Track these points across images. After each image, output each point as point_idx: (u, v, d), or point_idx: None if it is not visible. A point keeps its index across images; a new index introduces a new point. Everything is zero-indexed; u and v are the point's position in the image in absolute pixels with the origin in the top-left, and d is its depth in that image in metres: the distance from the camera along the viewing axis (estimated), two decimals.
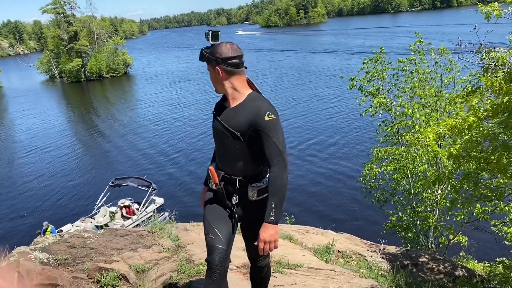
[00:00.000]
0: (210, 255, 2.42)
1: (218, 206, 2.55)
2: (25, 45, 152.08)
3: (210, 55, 2.39)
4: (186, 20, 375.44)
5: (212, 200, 2.59)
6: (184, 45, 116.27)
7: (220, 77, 2.40)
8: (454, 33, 45.36)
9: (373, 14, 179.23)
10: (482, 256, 8.58)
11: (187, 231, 4.96)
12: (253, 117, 2.31)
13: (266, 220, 2.32)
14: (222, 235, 2.45)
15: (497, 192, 5.43)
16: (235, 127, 2.36)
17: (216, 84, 2.46)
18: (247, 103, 2.39)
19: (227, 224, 2.51)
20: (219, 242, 2.43)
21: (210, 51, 2.40)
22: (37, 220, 16.62)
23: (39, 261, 3.51)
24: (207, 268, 2.45)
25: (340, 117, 28.78)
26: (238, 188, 2.46)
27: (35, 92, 58.06)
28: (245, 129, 2.33)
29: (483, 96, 5.46)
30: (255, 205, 2.50)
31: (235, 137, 2.37)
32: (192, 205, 16.67)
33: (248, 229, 2.65)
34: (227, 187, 2.49)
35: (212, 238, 2.44)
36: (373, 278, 4.64)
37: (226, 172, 2.49)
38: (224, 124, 2.40)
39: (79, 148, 28.77)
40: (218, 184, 2.49)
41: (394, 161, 9.54)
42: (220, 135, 2.45)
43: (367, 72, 9.41)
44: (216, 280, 2.40)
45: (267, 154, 2.32)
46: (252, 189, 2.47)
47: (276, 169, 2.32)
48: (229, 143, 2.42)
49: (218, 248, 2.41)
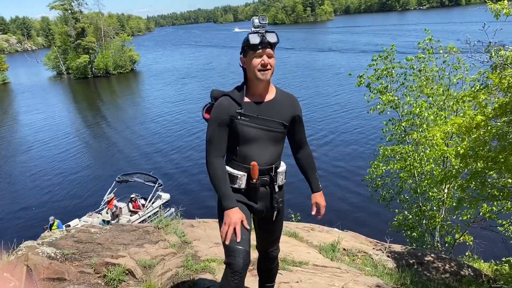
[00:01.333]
0: (234, 258, 2.26)
1: (242, 205, 2.47)
2: (32, 41, 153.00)
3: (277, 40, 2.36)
4: (193, 17, 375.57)
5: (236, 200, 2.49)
6: (190, 42, 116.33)
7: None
8: (462, 31, 44.96)
9: (381, 12, 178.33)
10: (488, 256, 8.52)
11: (193, 228, 4.98)
12: (293, 106, 2.53)
13: (318, 190, 2.70)
14: (245, 236, 2.33)
15: (505, 191, 5.39)
16: (282, 117, 2.47)
17: (272, 72, 2.39)
18: (280, 93, 2.53)
19: (248, 224, 2.41)
20: (243, 244, 2.29)
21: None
22: (44, 215, 16.73)
23: (46, 256, 3.55)
24: (228, 271, 2.29)
25: (346, 115, 28.68)
26: (272, 176, 2.49)
27: (43, 88, 58.44)
28: (289, 117, 2.51)
29: (491, 94, 5.42)
30: (281, 190, 2.61)
31: (283, 127, 2.48)
32: (199, 201, 16.72)
33: (267, 219, 2.61)
34: (261, 179, 2.47)
35: (234, 239, 2.28)
36: (379, 277, 4.63)
37: (261, 165, 2.45)
38: (270, 118, 2.43)
39: (86, 144, 28.93)
40: (257, 179, 2.44)
41: (400, 159, 9.50)
42: (263, 130, 2.42)
43: (375, 69, 9.35)
44: (238, 284, 2.28)
45: (302, 136, 2.64)
46: (281, 175, 2.56)
47: (308, 148, 2.70)
48: (272, 136, 2.46)
49: (242, 250, 2.28)
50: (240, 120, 2.38)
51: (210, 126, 2.43)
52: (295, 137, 2.61)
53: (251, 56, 2.33)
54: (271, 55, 2.34)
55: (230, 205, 2.32)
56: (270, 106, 2.44)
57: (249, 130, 2.40)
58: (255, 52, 2.31)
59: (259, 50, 2.30)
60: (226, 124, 2.39)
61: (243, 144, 2.42)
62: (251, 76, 2.38)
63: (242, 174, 2.44)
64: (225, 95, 2.45)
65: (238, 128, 2.38)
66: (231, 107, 2.38)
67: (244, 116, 2.38)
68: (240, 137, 2.40)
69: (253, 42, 2.29)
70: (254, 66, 2.32)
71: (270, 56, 2.33)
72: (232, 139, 2.44)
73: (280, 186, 2.58)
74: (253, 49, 2.31)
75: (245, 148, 2.42)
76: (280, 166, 2.56)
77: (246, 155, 2.43)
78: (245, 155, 2.43)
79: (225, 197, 2.34)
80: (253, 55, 2.33)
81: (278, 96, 2.49)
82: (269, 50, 2.32)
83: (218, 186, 2.36)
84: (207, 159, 2.41)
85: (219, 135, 2.40)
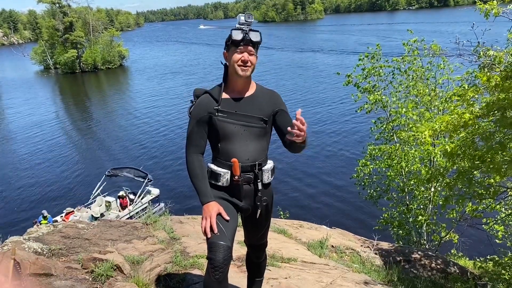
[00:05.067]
0: (214, 253, 2.26)
1: (224, 201, 2.47)
2: (19, 35, 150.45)
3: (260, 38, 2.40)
4: (183, 13, 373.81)
5: (218, 197, 2.48)
6: (179, 39, 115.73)
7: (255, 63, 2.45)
8: (451, 32, 45.36)
9: (370, 12, 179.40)
10: (473, 254, 8.65)
11: (182, 224, 4.96)
12: (273, 102, 2.54)
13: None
14: (227, 232, 2.32)
15: (491, 190, 5.47)
16: (261, 112, 2.48)
17: (252, 70, 2.43)
18: (260, 90, 2.55)
19: (232, 220, 2.40)
20: (224, 239, 2.28)
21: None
22: (32, 210, 16.58)
23: (32, 251, 3.50)
24: (209, 266, 2.28)
25: (335, 113, 28.82)
26: (256, 173, 2.48)
27: (30, 82, 57.47)
28: (269, 113, 2.52)
29: (479, 93, 5.49)
30: (268, 187, 2.59)
31: (263, 122, 2.48)
32: (188, 198, 16.66)
33: (253, 216, 2.60)
34: (244, 177, 2.47)
35: (216, 234, 2.28)
36: (366, 273, 4.67)
37: (243, 162, 2.45)
38: (248, 114, 2.44)
39: (74, 139, 28.62)
40: (240, 176, 2.44)
41: (388, 158, 9.59)
42: (242, 126, 2.44)
43: (363, 69, 9.42)
44: (219, 279, 2.26)
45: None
46: (267, 172, 2.54)
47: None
48: (253, 131, 2.47)
49: (222, 245, 2.26)
50: (219, 117, 2.42)
51: (189, 124, 2.49)
52: (283, 131, 2.56)
53: (233, 52, 2.38)
54: (252, 52, 2.39)
55: (206, 200, 2.37)
56: (249, 101, 2.47)
57: (228, 126, 2.43)
58: (237, 48, 2.37)
59: (240, 47, 2.36)
60: (204, 121, 2.44)
61: (224, 140, 2.45)
62: (232, 71, 2.43)
63: (225, 172, 2.46)
64: (206, 93, 2.50)
65: (217, 124, 2.42)
66: (210, 104, 2.43)
67: (222, 113, 2.42)
68: (220, 133, 2.44)
69: (235, 38, 2.35)
70: (234, 61, 2.37)
71: (251, 54, 2.38)
72: (213, 136, 2.48)
73: (267, 183, 2.57)
74: (235, 45, 2.37)
75: (226, 145, 2.45)
76: (267, 164, 2.55)
77: (228, 152, 2.45)
78: (227, 152, 2.45)
79: (201, 193, 2.39)
80: (234, 51, 2.38)
81: (258, 92, 2.52)
82: (250, 48, 2.37)
83: (195, 183, 2.42)
84: (186, 156, 2.49)
85: (197, 133, 2.46)
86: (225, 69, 2.48)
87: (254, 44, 2.38)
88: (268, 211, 2.65)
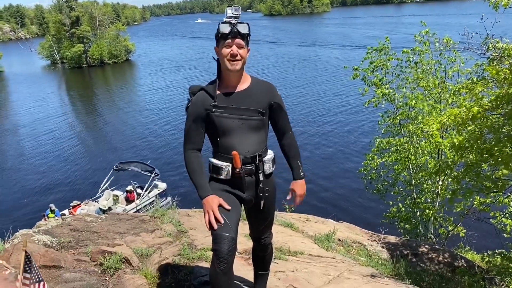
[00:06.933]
0: (219, 244, 2.26)
1: (226, 193, 2.49)
2: (26, 30, 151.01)
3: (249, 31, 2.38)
4: (189, 7, 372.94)
5: (220, 189, 2.51)
6: (186, 33, 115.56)
7: (246, 57, 2.44)
8: (459, 24, 45.04)
9: (377, 5, 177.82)
10: (480, 248, 8.61)
11: (189, 217, 4.98)
12: (269, 93, 2.54)
13: (298, 177, 2.67)
14: (231, 223, 2.33)
15: (499, 183, 5.43)
16: (258, 105, 2.48)
17: (243, 63, 2.42)
18: (255, 82, 2.54)
19: (235, 211, 2.42)
20: (228, 230, 2.29)
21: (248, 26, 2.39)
22: (40, 203, 16.74)
23: (42, 244, 3.54)
24: (214, 257, 2.28)
25: (342, 107, 28.70)
26: (257, 164, 2.49)
27: (37, 77, 57.85)
28: (265, 105, 2.51)
29: (488, 86, 5.43)
30: (269, 178, 2.60)
31: (260, 114, 2.48)
32: (194, 192, 16.60)
33: (257, 207, 2.61)
34: (246, 169, 2.48)
35: (220, 226, 2.29)
36: (373, 267, 4.67)
37: (243, 154, 2.47)
38: (245, 107, 2.45)
39: (81, 132, 28.81)
40: (241, 168, 2.45)
41: (395, 152, 9.55)
42: (240, 119, 2.44)
43: (371, 62, 9.35)
44: (224, 270, 2.26)
45: (284, 123, 2.63)
46: (267, 163, 2.55)
47: (291, 134, 2.68)
48: (251, 124, 2.47)
49: (226, 236, 2.27)
50: (215, 112, 2.43)
51: (186, 121, 2.51)
52: (277, 125, 2.63)
53: (222, 46, 2.37)
54: (241, 45, 2.36)
55: (204, 194, 2.39)
56: (245, 95, 2.47)
57: (226, 121, 2.44)
58: (225, 41, 2.35)
59: (228, 40, 2.34)
60: (201, 118, 2.46)
61: (223, 135, 2.46)
62: (223, 66, 2.42)
63: (226, 165, 2.47)
64: (201, 90, 2.50)
65: (214, 120, 2.43)
66: (206, 101, 2.44)
67: (219, 108, 2.43)
68: (218, 128, 2.45)
69: (223, 31, 2.34)
70: (223, 56, 2.36)
71: (240, 47, 2.36)
72: (212, 132, 2.49)
73: (268, 174, 2.58)
74: (224, 39, 2.36)
75: (225, 139, 2.46)
76: (267, 154, 2.57)
77: (228, 145, 2.46)
78: (227, 146, 2.46)
79: (199, 188, 2.43)
80: (223, 45, 2.36)
81: (253, 85, 2.52)
82: (239, 41, 2.35)
83: (193, 178, 2.47)
84: (184, 153, 2.52)
85: (195, 130, 2.48)
86: (218, 65, 2.48)
87: (243, 36, 2.36)
88: (271, 202, 2.66)
